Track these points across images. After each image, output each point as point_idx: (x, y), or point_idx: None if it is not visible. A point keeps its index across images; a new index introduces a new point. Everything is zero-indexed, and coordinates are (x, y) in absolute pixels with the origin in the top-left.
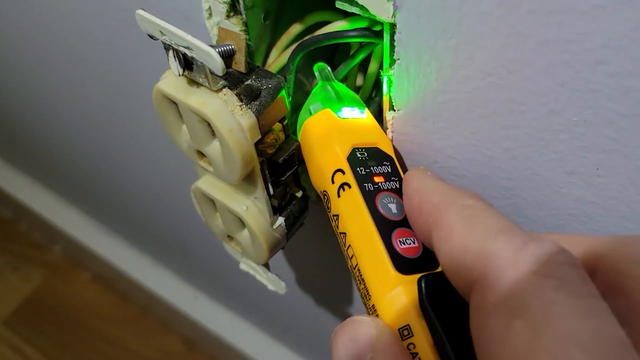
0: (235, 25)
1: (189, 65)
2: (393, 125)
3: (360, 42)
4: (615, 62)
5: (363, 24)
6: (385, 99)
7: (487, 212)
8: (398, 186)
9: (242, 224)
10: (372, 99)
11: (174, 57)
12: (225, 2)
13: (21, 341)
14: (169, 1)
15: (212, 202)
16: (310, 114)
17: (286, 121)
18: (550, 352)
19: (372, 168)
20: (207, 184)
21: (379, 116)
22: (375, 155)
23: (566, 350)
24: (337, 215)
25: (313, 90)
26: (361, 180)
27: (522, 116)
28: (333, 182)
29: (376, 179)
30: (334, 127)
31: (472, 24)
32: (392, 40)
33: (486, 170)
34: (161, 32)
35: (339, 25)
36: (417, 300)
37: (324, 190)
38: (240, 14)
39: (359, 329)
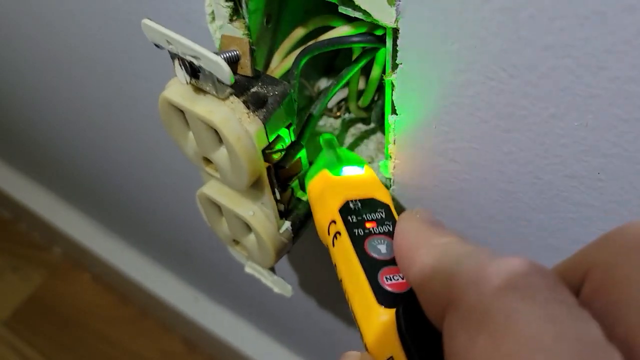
0: (237, 29)
1: (195, 73)
2: (395, 129)
3: (363, 47)
4: (616, 68)
5: (364, 29)
6: (388, 103)
7: (459, 245)
8: (391, 229)
9: (249, 228)
10: (375, 102)
11: (181, 66)
12: (229, 6)
13: (21, 342)
14: (172, 5)
15: (217, 207)
16: (312, 177)
17: (292, 126)
18: (511, 357)
19: (364, 215)
20: (213, 190)
21: (381, 119)
22: (369, 204)
23: (527, 355)
24: (335, 265)
25: (318, 156)
26: (351, 227)
27: (524, 120)
28: (329, 234)
29: (367, 225)
30: (329, 185)
31: (474, 29)
32: (394, 44)
33: (487, 173)
34: (167, 41)
35: (343, 30)
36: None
37: (326, 244)
38: (243, 18)
39: None
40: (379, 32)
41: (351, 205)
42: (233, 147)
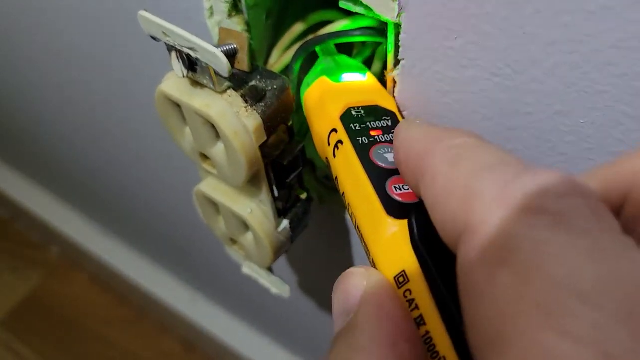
0: (236, 25)
1: (192, 66)
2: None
3: (363, 42)
4: (624, 64)
5: (365, 23)
6: None
7: (478, 149)
8: None
9: (246, 227)
10: None
11: (178, 58)
12: (227, 2)
13: (18, 342)
14: (170, 0)
15: (214, 205)
16: (309, 86)
17: (290, 122)
18: (539, 305)
19: (368, 123)
20: (210, 187)
21: None
22: (373, 112)
23: (559, 300)
24: (337, 177)
25: (315, 65)
26: (354, 135)
27: (529, 117)
28: (329, 144)
29: (372, 133)
30: (327, 92)
31: (478, 25)
32: (397, 40)
33: None
34: (164, 33)
35: (342, 24)
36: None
37: (326, 157)
38: (242, 13)
39: (350, 282)
40: (376, 24)
41: (354, 112)
42: (230, 141)
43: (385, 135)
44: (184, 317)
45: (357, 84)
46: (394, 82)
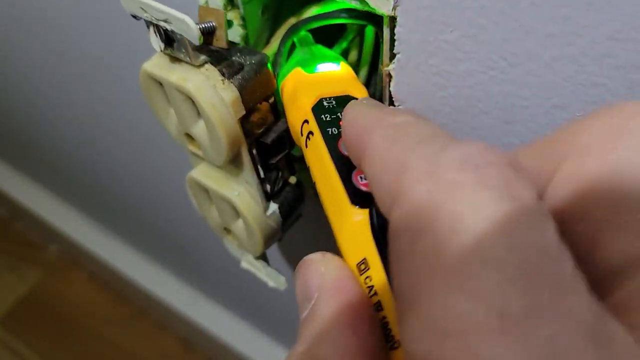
0: (233, 19)
1: (169, 41)
2: None
3: (350, 24)
4: (621, 56)
5: (350, 5)
6: (385, 93)
7: (414, 126)
8: None
9: (237, 213)
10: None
11: (155, 33)
12: None
13: (17, 341)
14: None
15: (206, 193)
16: (284, 77)
17: (273, 99)
18: (450, 269)
19: (339, 114)
20: (200, 173)
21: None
22: (344, 102)
23: (466, 264)
24: (309, 167)
25: (291, 55)
26: (324, 125)
27: (525, 111)
28: (302, 135)
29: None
30: (300, 83)
31: (474, 17)
32: (392, 34)
33: None
34: (142, 9)
35: (331, 8)
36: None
37: (300, 147)
38: (238, 8)
39: (309, 268)
40: (361, 7)
41: (325, 103)
42: (208, 115)
43: None
44: (183, 316)
45: (330, 74)
46: (390, 76)
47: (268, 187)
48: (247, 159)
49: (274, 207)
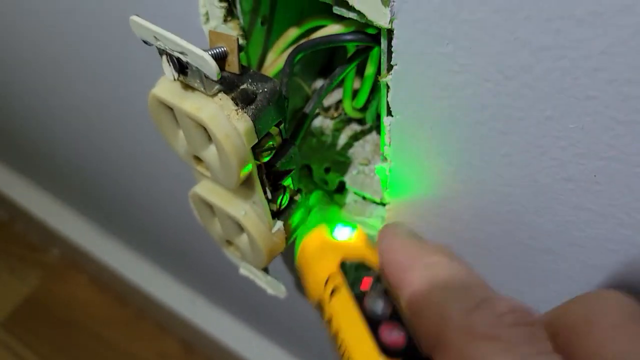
0: (232, 30)
1: (183, 70)
2: (391, 130)
3: (357, 46)
4: (613, 69)
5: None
6: (383, 104)
7: (449, 269)
8: (383, 290)
9: (241, 228)
10: (370, 102)
11: (168, 62)
12: (223, 7)
13: (17, 343)
14: (167, 7)
15: (210, 207)
16: (307, 232)
17: (283, 125)
18: None
19: (360, 275)
20: (205, 189)
21: (377, 120)
22: (362, 266)
23: None
24: (330, 318)
25: (310, 214)
26: (351, 284)
27: (520, 122)
28: (325, 289)
29: (364, 282)
30: (327, 243)
31: (470, 31)
32: (389, 46)
33: (484, 175)
34: (155, 37)
35: (335, 29)
36: None
37: (319, 298)
38: (238, 18)
39: None
40: (371, 31)
41: (347, 264)
42: (222, 144)
43: (375, 286)
44: (183, 318)
45: (350, 239)
46: (387, 87)
47: (275, 206)
48: (256, 182)
49: (279, 224)
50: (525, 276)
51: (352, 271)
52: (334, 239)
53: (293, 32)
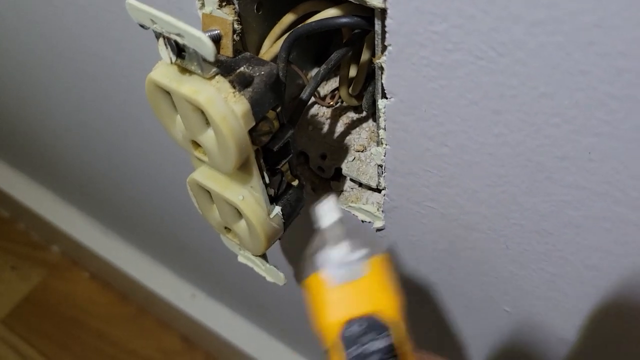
0: (227, 15)
1: (180, 53)
2: (386, 113)
3: (353, 31)
4: (606, 43)
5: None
6: (378, 87)
7: None
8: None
9: (239, 214)
10: (366, 90)
11: (165, 45)
12: None
13: (19, 340)
14: None
15: (208, 193)
16: (313, 270)
17: (279, 109)
18: None
19: (367, 344)
20: (203, 175)
21: (372, 107)
22: (372, 327)
23: None
24: None
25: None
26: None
27: (513, 100)
28: (330, 352)
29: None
30: (327, 299)
31: (462, 7)
32: (383, 26)
33: (478, 157)
34: (152, 20)
35: (330, 13)
36: None
37: (326, 349)
38: (233, 4)
39: None
40: (363, 12)
41: (357, 325)
42: (219, 127)
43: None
44: (184, 314)
45: (357, 286)
46: (382, 69)
47: (272, 191)
48: (254, 166)
49: (277, 209)
50: (520, 259)
51: (360, 335)
52: (336, 289)
53: (289, 18)
